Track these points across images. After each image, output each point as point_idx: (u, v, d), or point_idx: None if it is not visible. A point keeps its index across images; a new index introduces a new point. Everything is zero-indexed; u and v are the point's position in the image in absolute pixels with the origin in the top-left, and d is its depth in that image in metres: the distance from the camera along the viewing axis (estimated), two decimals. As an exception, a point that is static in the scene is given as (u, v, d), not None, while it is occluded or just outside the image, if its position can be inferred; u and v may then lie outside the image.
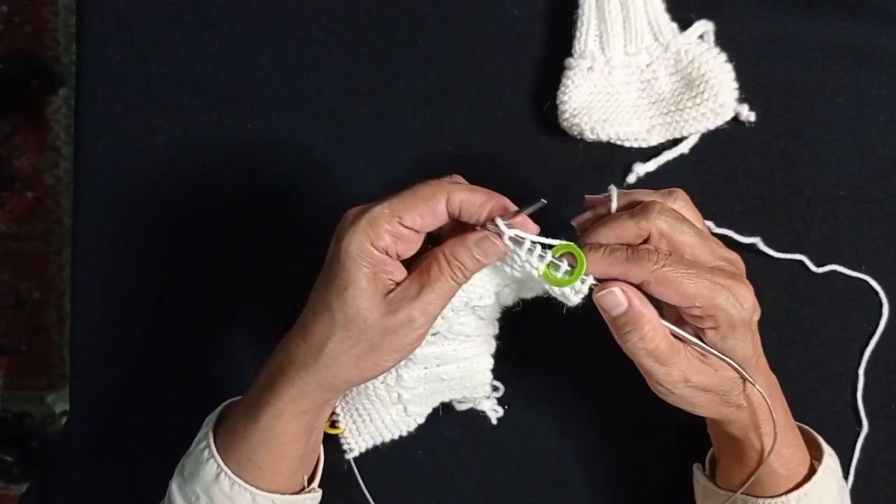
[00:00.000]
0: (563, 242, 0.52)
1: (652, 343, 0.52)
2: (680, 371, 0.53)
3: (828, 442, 0.62)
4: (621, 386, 0.69)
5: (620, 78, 0.67)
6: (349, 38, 0.70)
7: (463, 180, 0.54)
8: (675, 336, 0.53)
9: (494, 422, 0.67)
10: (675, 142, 0.68)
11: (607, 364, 0.65)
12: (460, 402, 0.66)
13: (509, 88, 0.70)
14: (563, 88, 0.67)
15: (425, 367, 0.62)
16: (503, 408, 0.67)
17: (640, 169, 0.68)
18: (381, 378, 0.61)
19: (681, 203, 0.55)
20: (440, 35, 0.70)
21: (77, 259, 0.71)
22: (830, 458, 0.59)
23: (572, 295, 0.53)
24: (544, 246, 0.53)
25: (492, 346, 0.63)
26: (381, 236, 0.51)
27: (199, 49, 0.70)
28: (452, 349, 0.61)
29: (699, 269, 0.51)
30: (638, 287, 0.52)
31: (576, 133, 0.67)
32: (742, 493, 0.58)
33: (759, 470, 0.57)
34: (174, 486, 0.58)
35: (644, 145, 0.68)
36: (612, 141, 0.67)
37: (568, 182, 0.69)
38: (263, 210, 0.70)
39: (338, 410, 0.64)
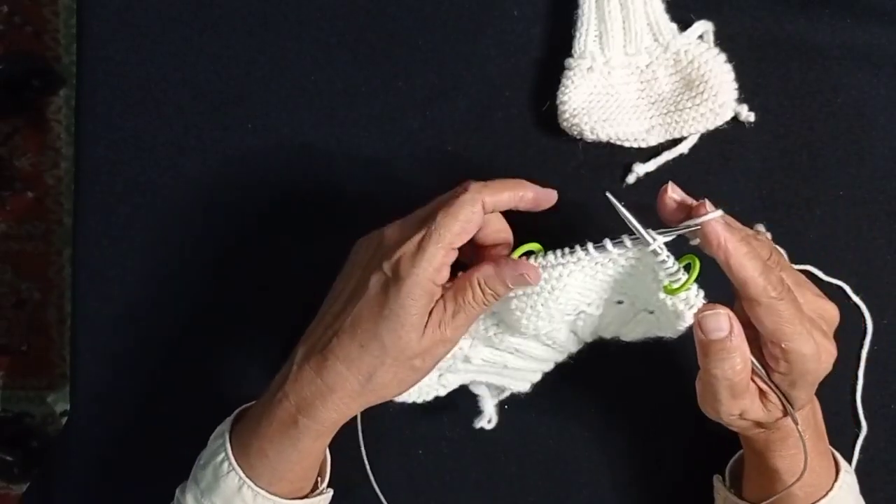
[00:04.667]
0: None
1: (738, 377, 0.52)
2: (743, 406, 0.53)
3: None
4: (622, 386, 0.69)
5: (620, 78, 0.67)
6: (349, 38, 0.70)
7: (479, 184, 0.55)
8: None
9: (482, 426, 0.66)
10: (675, 142, 0.68)
11: (608, 364, 0.65)
12: (478, 383, 0.65)
13: (509, 88, 0.70)
14: (562, 89, 0.67)
15: (499, 350, 0.62)
16: (500, 411, 0.67)
17: (640, 169, 0.68)
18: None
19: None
20: (440, 35, 0.70)
21: (77, 259, 0.71)
22: (847, 475, 0.60)
23: (686, 310, 0.53)
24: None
25: (558, 359, 0.64)
26: (442, 270, 0.53)
27: (199, 49, 0.70)
28: (534, 347, 0.61)
29: (804, 316, 0.51)
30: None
31: (575, 133, 0.67)
32: None
33: (780, 496, 0.58)
34: (189, 498, 0.58)
35: (643, 145, 0.68)
36: (611, 141, 0.67)
37: (567, 182, 0.69)
38: (264, 210, 0.70)
39: None
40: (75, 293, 0.71)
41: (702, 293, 0.53)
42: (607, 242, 0.53)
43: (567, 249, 0.54)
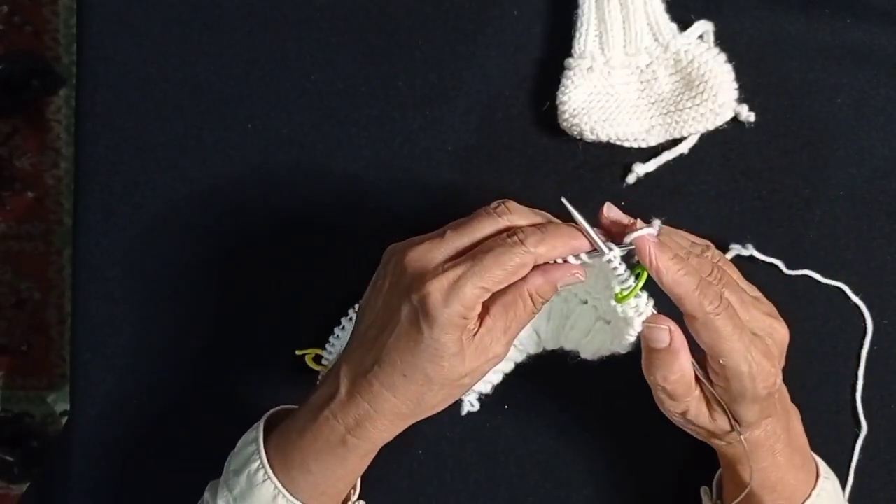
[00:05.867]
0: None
1: (671, 385, 0.54)
2: (685, 408, 0.55)
3: (826, 444, 0.62)
4: (622, 386, 0.69)
5: (620, 78, 0.67)
6: (349, 38, 0.70)
7: (516, 206, 0.54)
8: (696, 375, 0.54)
9: (464, 412, 0.67)
10: (675, 142, 0.68)
11: (608, 364, 0.65)
12: None
13: (509, 88, 0.70)
14: (562, 89, 0.67)
15: None
16: (500, 411, 0.67)
17: (640, 169, 0.68)
18: None
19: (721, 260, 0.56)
20: (440, 35, 0.70)
21: (77, 259, 0.71)
22: (826, 481, 0.59)
23: (636, 317, 0.54)
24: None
25: (517, 359, 0.64)
26: (474, 308, 0.51)
27: (199, 49, 0.70)
28: None
29: (743, 333, 0.52)
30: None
31: (575, 133, 0.67)
32: None
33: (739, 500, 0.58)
34: (221, 502, 0.57)
35: (643, 145, 0.68)
36: (611, 141, 0.67)
37: (567, 182, 0.69)
38: (263, 210, 0.70)
39: (330, 351, 0.64)
40: (75, 293, 0.71)
41: (651, 301, 0.54)
42: None
43: None
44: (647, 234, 0.52)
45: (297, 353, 0.66)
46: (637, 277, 0.53)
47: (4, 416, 1.53)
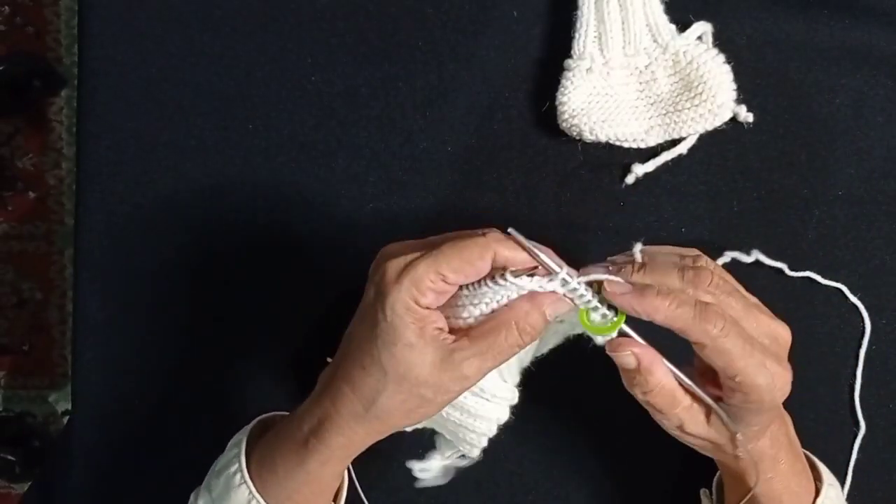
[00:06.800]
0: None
1: (653, 399, 0.53)
2: (678, 420, 0.54)
3: (825, 443, 0.63)
4: (622, 385, 0.69)
5: (619, 79, 0.68)
6: (349, 38, 0.70)
7: (501, 235, 0.52)
8: (685, 386, 0.53)
9: (422, 478, 0.65)
10: (674, 142, 0.68)
11: (610, 366, 0.66)
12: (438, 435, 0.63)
13: (509, 89, 0.70)
14: (562, 89, 0.67)
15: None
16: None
17: (639, 169, 0.68)
18: None
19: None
20: (440, 35, 0.70)
21: (79, 259, 0.71)
22: (830, 488, 0.59)
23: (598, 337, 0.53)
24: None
25: (503, 413, 0.61)
26: (426, 294, 0.50)
27: (199, 49, 0.70)
28: (464, 398, 0.58)
29: (754, 346, 0.50)
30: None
31: (575, 134, 0.67)
32: None
33: None
34: None
35: (643, 146, 0.68)
36: (610, 142, 0.67)
37: (567, 183, 0.69)
38: (264, 210, 0.70)
39: None
40: (77, 293, 0.71)
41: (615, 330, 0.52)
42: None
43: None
44: (616, 285, 0.50)
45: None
46: (616, 312, 0.51)
47: (6, 415, 1.54)
